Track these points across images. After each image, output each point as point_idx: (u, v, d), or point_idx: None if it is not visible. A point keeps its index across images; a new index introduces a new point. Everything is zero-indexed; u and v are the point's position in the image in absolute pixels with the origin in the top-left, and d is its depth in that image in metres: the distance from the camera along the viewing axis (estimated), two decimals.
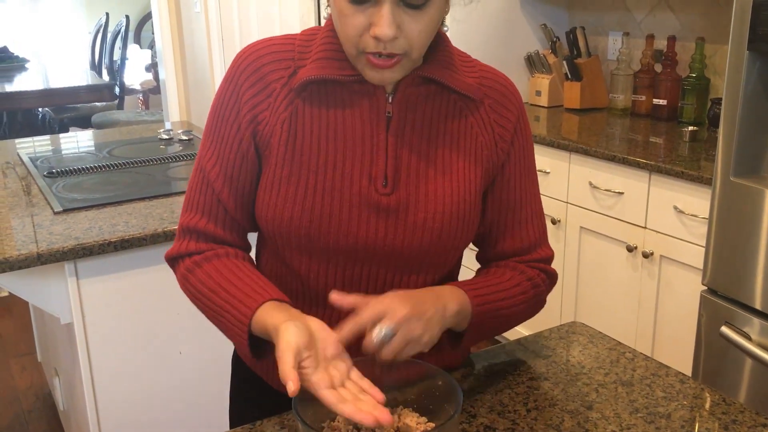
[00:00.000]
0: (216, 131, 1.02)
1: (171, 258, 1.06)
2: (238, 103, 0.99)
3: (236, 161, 1.00)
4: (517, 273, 1.06)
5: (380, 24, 0.87)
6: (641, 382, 1.09)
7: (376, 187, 0.98)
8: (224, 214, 1.03)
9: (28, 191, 2.01)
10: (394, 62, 0.91)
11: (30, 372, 3.02)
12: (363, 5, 0.87)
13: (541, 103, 3.17)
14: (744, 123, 1.80)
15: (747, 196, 1.80)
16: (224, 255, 1.02)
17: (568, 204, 2.55)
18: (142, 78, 6.74)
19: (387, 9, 0.86)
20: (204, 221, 1.02)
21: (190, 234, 1.03)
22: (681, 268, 2.20)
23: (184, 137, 2.58)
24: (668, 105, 2.78)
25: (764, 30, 1.69)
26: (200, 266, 1.01)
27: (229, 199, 1.02)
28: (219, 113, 1.01)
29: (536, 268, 1.08)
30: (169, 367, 1.84)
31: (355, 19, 0.88)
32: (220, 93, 1.02)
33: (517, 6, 3.17)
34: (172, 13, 4.37)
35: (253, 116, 0.99)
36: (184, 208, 1.05)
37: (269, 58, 0.99)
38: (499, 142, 1.04)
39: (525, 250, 1.08)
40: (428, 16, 0.89)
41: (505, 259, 1.09)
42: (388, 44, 0.89)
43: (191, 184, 1.04)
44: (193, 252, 1.03)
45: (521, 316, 1.08)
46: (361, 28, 0.89)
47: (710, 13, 2.71)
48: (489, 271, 1.08)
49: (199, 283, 1.01)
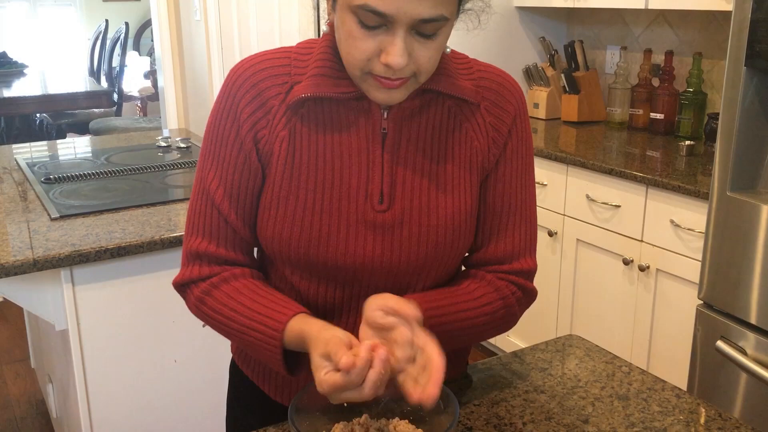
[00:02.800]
0: (216, 152, 0.99)
1: (180, 284, 1.03)
2: (237, 121, 0.98)
3: (241, 181, 0.99)
4: (491, 290, 1.02)
5: (393, 53, 0.86)
6: (637, 396, 1.08)
7: (372, 204, 0.98)
8: (233, 235, 1.01)
9: (25, 197, 2.01)
10: (401, 82, 0.90)
11: (23, 378, 3.01)
12: (374, 30, 0.87)
13: (539, 115, 3.18)
14: (741, 138, 1.81)
15: (743, 211, 1.80)
16: (240, 275, 1.01)
17: (565, 216, 2.56)
18: (140, 85, 6.75)
19: (400, 38, 0.86)
20: (213, 245, 1.00)
21: (199, 258, 1.01)
22: (677, 281, 2.20)
23: (182, 145, 2.58)
24: (665, 119, 2.79)
25: (761, 46, 1.70)
26: (217, 288, 0.99)
27: (237, 221, 1.00)
28: (218, 133, 0.99)
29: (514, 283, 1.04)
30: (164, 376, 1.83)
31: (364, 43, 0.87)
32: (216, 111, 1.00)
33: (516, 19, 3.18)
34: (171, 20, 4.37)
35: (254, 134, 0.97)
36: (188, 232, 1.02)
37: (266, 73, 0.98)
38: (492, 147, 1.02)
39: (506, 259, 1.04)
40: (437, 44, 0.89)
41: (484, 264, 1.05)
42: (397, 71, 0.88)
43: (193, 208, 1.02)
44: (206, 276, 1.01)
45: (486, 333, 1.04)
46: (369, 52, 0.88)
47: (708, 28, 2.73)
48: (459, 283, 1.04)
49: (219, 305, 0.99)
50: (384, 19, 0.85)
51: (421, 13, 0.84)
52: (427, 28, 0.87)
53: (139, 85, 6.74)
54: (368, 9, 0.84)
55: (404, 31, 0.86)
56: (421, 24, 0.86)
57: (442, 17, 0.86)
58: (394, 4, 0.83)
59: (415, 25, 0.86)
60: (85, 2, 7.42)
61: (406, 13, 0.84)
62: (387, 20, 0.85)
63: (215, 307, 0.99)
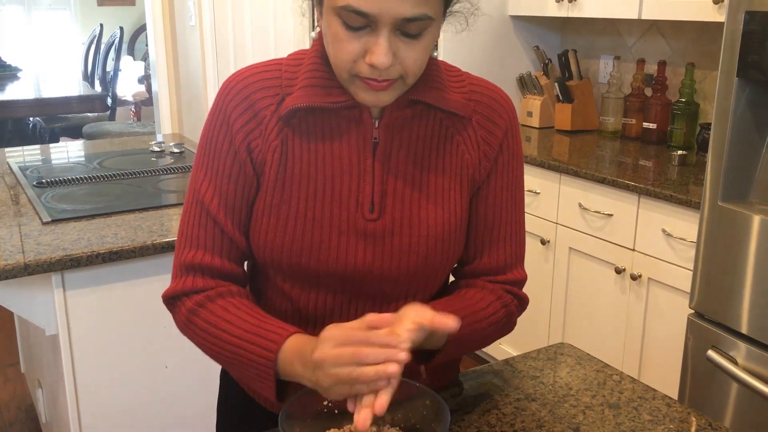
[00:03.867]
0: (210, 163, 0.99)
1: (171, 297, 1.01)
2: (230, 132, 0.98)
3: (236, 190, 0.99)
4: (494, 298, 1.04)
5: (377, 52, 0.87)
6: (628, 404, 1.09)
7: (363, 213, 0.98)
8: (228, 245, 1.00)
9: (17, 201, 2.00)
10: (388, 84, 0.91)
11: (13, 383, 2.99)
12: (359, 31, 0.87)
13: (532, 123, 3.19)
14: (733, 149, 1.82)
15: (735, 221, 1.81)
16: (237, 293, 1.00)
17: (557, 225, 2.57)
18: (134, 89, 6.75)
19: (384, 38, 0.86)
20: (207, 255, 0.99)
21: (192, 270, 1.00)
22: (669, 291, 2.21)
23: (176, 150, 2.58)
24: (658, 129, 2.80)
25: (753, 58, 1.72)
26: (212, 301, 0.98)
27: (233, 230, 1.00)
28: (211, 144, 0.99)
29: (510, 292, 1.07)
30: (154, 381, 1.82)
31: (350, 44, 0.88)
32: (209, 123, 1.00)
33: (511, 28, 3.20)
34: (166, 25, 4.37)
35: (247, 144, 0.98)
36: (181, 244, 1.01)
37: (257, 85, 0.99)
38: (482, 160, 1.03)
39: (498, 270, 1.06)
40: (423, 44, 0.90)
41: (477, 276, 1.07)
42: (383, 71, 0.89)
43: (187, 220, 1.01)
44: (200, 289, 0.99)
45: (490, 339, 1.06)
46: (355, 53, 0.88)
47: (700, 39, 2.74)
48: (466, 293, 1.05)
49: (213, 317, 0.97)
50: (367, 19, 0.85)
51: (403, 12, 0.85)
52: (411, 27, 0.87)
53: (133, 90, 6.74)
54: (351, 9, 0.85)
55: (388, 30, 0.86)
56: (405, 23, 0.86)
57: (425, 16, 0.87)
58: (376, 4, 0.84)
59: (399, 25, 0.86)
60: (80, 7, 7.42)
61: (388, 13, 0.85)
62: (370, 20, 0.86)
63: (209, 318, 0.97)
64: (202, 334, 0.98)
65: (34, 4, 7.24)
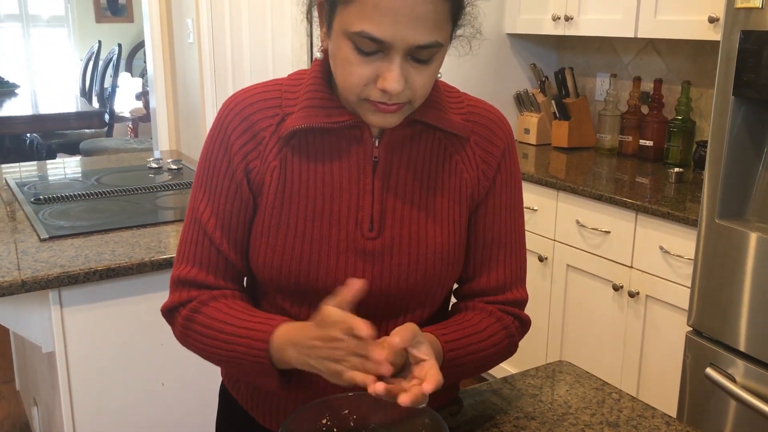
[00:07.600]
0: (208, 182, 1.01)
1: (169, 310, 1.03)
2: (229, 152, 0.99)
3: (233, 210, 1.00)
4: (494, 321, 1.04)
5: (389, 79, 0.87)
6: (627, 423, 1.08)
7: (362, 231, 0.99)
8: (224, 264, 1.02)
9: (14, 217, 1.99)
10: (398, 107, 0.92)
11: (8, 401, 2.97)
12: (371, 56, 0.88)
13: (529, 141, 3.20)
14: (729, 166, 1.82)
15: (732, 239, 1.82)
16: (230, 296, 1.02)
17: (555, 242, 2.57)
18: (132, 106, 6.76)
19: (396, 64, 0.87)
20: (202, 273, 1.01)
21: (188, 285, 1.02)
22: (666, 308, 2.21)
23: (174, 166, 2.58)
24: (654, 146, 2.81)
25: (749, 76, 1.73)
26: (206, 305, 1.00)
27: (229, 249, 1.01)
28: (210, 164, 1.01)
29: (510, 313, 1.06)
30: (151, 399, 1.81)
31: (361, 69, 0.89)
32: (209, 143, 1.02)
33: (508, 46, 3.22)
34: (165, 42, 4.39)
35: (245, 164, 0.99)
36: (178, 260, 1.03)
37: (257, 106, 1.00)
38: (481, 180, 1.04)
39: (498, 290, 1.06)
40: (431, 70, 0.91)
41: (477, 296, 1.07)
42: (393, 96, 0.89)
43: (185, 237, 1.03)
44: (194, 297, 1.01)
45: (490, 363, 1.06)
46: (366, 78, 0.89)
47: (696, 57, 2.76)
48: (465, 316, 1.05)
49: (208, 319, 0.99)
50: (380, 45, 0.86)
51: (417, 39, 0.86)
52: (422, 54, 0.88)
53: (130, 106, 6.75)
54: (365, 36, 0.86)
55: (400, 57, 0.87)
56: (416, 50, 0.87)
57: (437, 43, 0.88)
58: (390, 31, 0.85)
59: (411, 51, 0.87)
60: (78, 24, 7.44)
61: (402, 40, 0.86)
62: (383, 46, 0.86)
63: (204, 321, 0.99)
64: (199, 338, 1.00)
65: (32, 21, 7.26)
